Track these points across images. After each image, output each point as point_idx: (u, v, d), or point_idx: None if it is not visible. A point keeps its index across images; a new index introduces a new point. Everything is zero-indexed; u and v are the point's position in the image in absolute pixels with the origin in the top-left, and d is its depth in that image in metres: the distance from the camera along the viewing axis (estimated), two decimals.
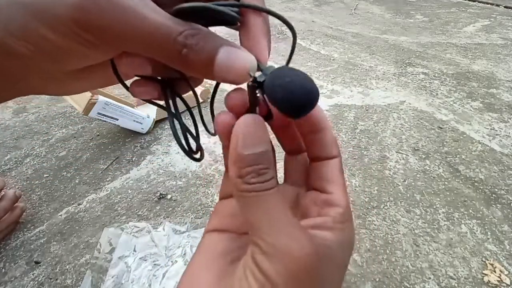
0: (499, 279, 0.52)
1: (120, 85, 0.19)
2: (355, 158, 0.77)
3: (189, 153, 0.17)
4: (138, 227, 0.57)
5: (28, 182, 0.70)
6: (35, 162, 0.76)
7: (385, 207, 0.64)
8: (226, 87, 0.85)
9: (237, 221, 0.17)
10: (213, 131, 0.18)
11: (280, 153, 0.21)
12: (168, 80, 0.18)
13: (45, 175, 0.72)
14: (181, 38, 0.12)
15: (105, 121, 0.76)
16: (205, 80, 0.22)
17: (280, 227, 0.13)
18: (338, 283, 0.15)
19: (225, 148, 0.18)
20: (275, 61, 1.23)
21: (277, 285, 0.12)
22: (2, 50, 0.13)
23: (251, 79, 0.14)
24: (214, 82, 0.17)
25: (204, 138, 0.81)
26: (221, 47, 0.13)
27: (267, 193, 0.13)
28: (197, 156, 0.19)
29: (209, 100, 0.77)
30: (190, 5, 0.13)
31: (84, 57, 0.14)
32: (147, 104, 0.80)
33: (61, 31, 0.12)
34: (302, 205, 0.18)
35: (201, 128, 0.21)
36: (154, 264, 0.51)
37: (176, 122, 0.17)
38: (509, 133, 0.87)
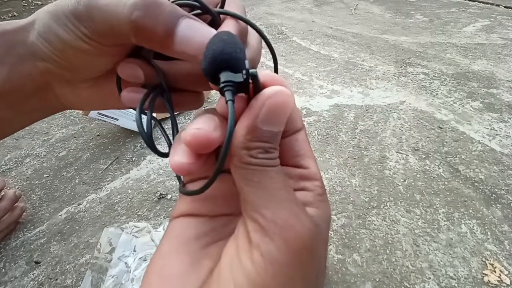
0: (499, 279, 0.52)
1: None
2: (355, 158, 0.77)
3: (153, 147, 0.16)
4: (138, 227, 0.57)
5: (28, 182, 0.70)
6: (35, 162, 0.76)
7: (385, 207, 0.64)
8: None
9: (208, 204, 0.16)
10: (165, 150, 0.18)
11: None
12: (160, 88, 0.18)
13: (45, 175, 0.72)
14: (131, 2, 0.14)
15: (105, 121, 0.76)
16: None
17: (281, 202, 0.12)
18: (325, 259, 0.15)
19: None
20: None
21: (280, 264, 0.12)
22: (32, 53, 0.16)
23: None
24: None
25: None
26: (182, 19, 0.14)
27: (270, 168, 0.13)
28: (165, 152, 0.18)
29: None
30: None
31: (85, 55, 0.16)
32: None
33: (67, 26, 0.15)
34: None
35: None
36: None
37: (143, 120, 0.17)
38: (509, 133, 0.87)
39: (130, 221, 0.60)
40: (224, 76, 0.12)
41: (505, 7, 2.04)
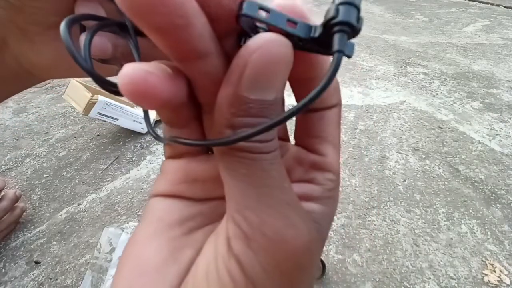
0: (499, 279, 0.52)
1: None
2: (355, 158, 0.77)
3: (104, 83, 0.13)
4: None
5: (28, 182, 0.70)
6: (35, 162, 0.76)
7: (385, 207, 0.64)
8: None
9: (195, 188, 0.13)
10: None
11: None
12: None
13: (45, 175, 0.72)
14: None
15: (105, 121, 0.77)
16: None
17: (273, 205, 0.10)
18: (319, 259, 0.12)
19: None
20: None
21: (264, 285, 0.10)
22: None
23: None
24: None
25: None
26: None
27: (264, 157, 0.10)
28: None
29: None
30: None
31: None
32: None
33: None
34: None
35: None
36: None
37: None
38: (509, 133, 0.87)
39: (130, 221, 0.60)
40: None
41: (505, 7, 2.04)
